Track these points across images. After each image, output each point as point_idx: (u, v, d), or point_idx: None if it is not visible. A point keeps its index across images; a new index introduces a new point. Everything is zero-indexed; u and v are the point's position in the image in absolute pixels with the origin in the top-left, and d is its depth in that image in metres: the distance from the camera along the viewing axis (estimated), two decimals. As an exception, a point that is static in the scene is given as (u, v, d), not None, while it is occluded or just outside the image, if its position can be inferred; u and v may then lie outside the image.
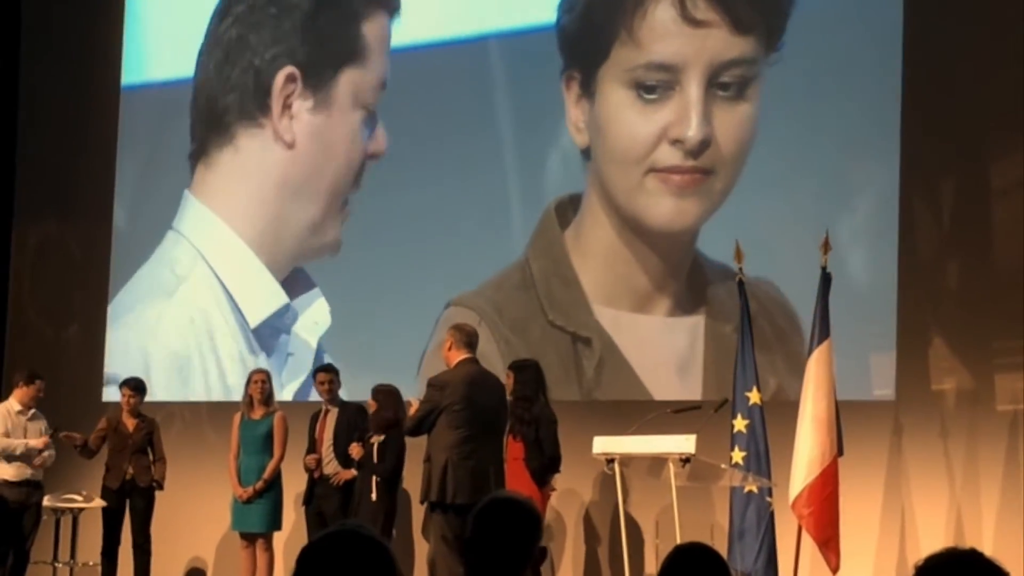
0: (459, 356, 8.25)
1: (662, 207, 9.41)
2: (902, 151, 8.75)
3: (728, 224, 9.06)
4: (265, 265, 10.80)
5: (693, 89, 9.29)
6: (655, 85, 9.41)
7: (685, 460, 7.36)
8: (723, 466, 7.72)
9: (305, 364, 10.52)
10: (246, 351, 10.78)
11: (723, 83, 9.27)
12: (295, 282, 10.74)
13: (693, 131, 9.26)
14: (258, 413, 9.71)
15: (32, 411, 9.97)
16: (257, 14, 11.06)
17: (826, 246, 7.99)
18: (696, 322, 9.35)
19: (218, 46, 11.26)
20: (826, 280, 7.99)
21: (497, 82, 10.22)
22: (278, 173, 10.84)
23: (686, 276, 9.44)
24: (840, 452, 7.84)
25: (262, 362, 10.54)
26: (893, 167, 8.77)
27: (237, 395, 10.10)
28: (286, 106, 10.78)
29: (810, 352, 7.92)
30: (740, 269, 8.30)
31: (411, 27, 10.52)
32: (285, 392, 10.49)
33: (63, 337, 11.92)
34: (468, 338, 8.31)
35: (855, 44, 8.97)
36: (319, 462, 9.52)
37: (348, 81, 10.62)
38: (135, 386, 10.09)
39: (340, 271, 10.63)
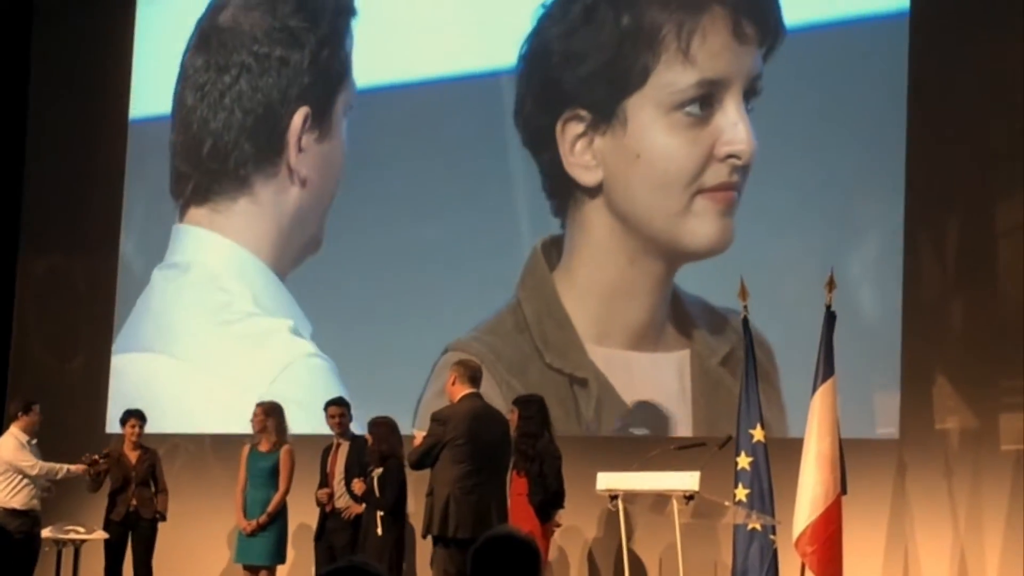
0: (463, 391, 8.25)
1: (710, 227, 9.37)
2: (907, 191, 8.75)
3: (732, 262, 9.06)
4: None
5: (732, 104, 9.30)
6: (699, 102, 9.38)
7: (689, 497, 7.35)
8: (727, 503, 7.71)
9: (297, 384, 10.58)
10: (251, 376, 10.77)
11: (749, 97, 9.29)
12: None
13: (744, 144, 9.25)
14: (265, 446, 9.70)
15: (34, 442, 9.97)
16: (263, 62, 11.18)
17: (831, 284, 8.00)
18: (682, 357, 9.39)
19: (222, 96, 11.34)
20: (831, 318, 7.99)
21: (505, 119, 10.24)
22: (293, 209, 10.98)
23: (671, 311, 9.47)
24: (844, 490, 7.83)
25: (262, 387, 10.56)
26: (898, 206, 8.77)
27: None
28: (300, 144, 10.92)
29: (814, 390, 7.91)
30: (745, 307, 8.30)
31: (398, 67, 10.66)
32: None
33: (67, 369, 11.93)
34: (472, 373, 8.32)
35: (860, 82, 8.97)
36: (331, 496, 9.51)
37: (341, 102, 10.87)
38: (141, 417, 10.11)
39: (336, 310, 10.69)
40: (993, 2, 8.69)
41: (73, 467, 9.85)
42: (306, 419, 10.07)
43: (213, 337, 11.12)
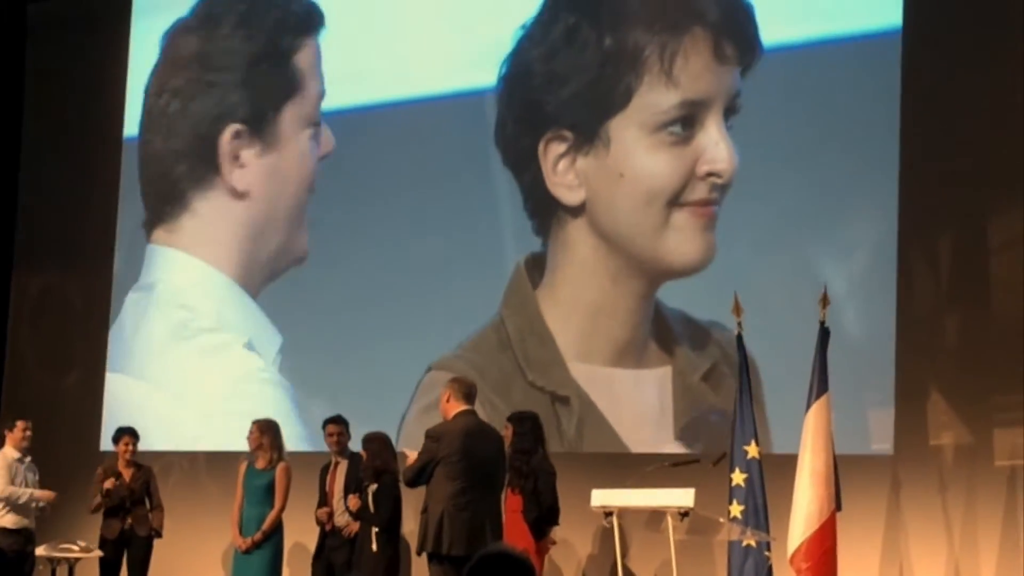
0: (457, 408, 8.25)
1: (692, 243, 9.44)
2: (900, 206, 8.77)
3: (725, 278, 9.08)
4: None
5: (713, 124, 9.37)
6: (682, 123, 9.45)
7: (684, 514, 7.34)
8: (721, 520, 7.70)
9: (275, 401, 10.73)
10: (233, 393, 10.94)
11: (729, 116, 9.36)
12: None
13: (726, 163, 9.32)
14: (262, 463, 9.69)
15: (28, 459, 9.96)
16: (194, 86, 11.54)
17: (824, 300, 8.01)
18: (664, 373, 9.43)
19: (162, 119, 11.67)
20: (824, 334, 8.00)
21: (489, 138, 10.29)
22: (239, 222, 11.20)
23: (653, 327, 9.50)
24: (838, 506, 7.82)
25: (243, 404, 10.64)
26: (891, 222, 8.79)
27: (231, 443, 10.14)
28: (235, 160, 11.20)
29: (808, 406, 7.92)
30: (739, 323, 8.31)
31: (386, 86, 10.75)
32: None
33: (62, 387, 11.93)
34: (467, 390, 8.31)
35: (854, 99, 9.00)
36: (330, 515, 9.49)
37: (290, 114, 11.04)
38: (134, 434, 10.10)
39: (320, 327, 10.76)
40: (986, 19, 8.72)
41: (39, 493, 9.86)
42: (214, 439, 10.50)
43: (172, 355, 11.34)
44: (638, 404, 9.49)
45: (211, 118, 11.40)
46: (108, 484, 9.88)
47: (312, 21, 11.13)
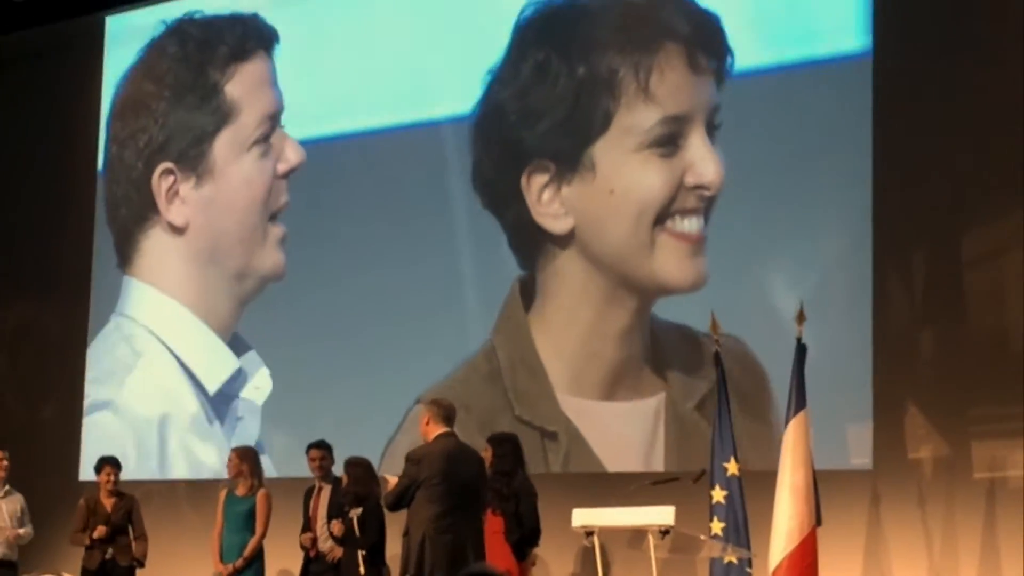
0: (437, 431, 8.25)
1: (680, 266, 9.46)
2: (875, 223, 8.82)
3: (701, 296, 9.12)
4: (214, 329, 11.22)
5: (698, 137, 9.40)
6: (666, 139, 9.48)
7: (665, 532, 7.37)
8: (702, 537, 7.72)
9: (253, 428, 10.87)
10: (204, 420, 11.08)
11: (711, 130, 9.40)
12: (235, 347, 11.15)
13: (713, 175, 9.35)
14: (242, 490, 9.67)
15: (6, 488, 9.93)
16: (127, 131, 11.84)
17: (800, 317, 8.04)
18: (657, 403, 9.45)
19: (113, 163, 12.00)
20: (801, 351, 8.03)
21: (452, 168, 10.40)
22: (184, 256, 11.43)
23: (648, 350, 9.52)
24: (819, 522, 7.85)
25: (217, 430, 10.84)
26: (866, 239, 8.83)
27: (206, 471, 10.17)
28: (173, 196, 11.44)
29: (787, 422, 7.95)
30: (716, 341, 8.34)
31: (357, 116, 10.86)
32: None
33: (39, 417, 11.90)
34: (446, 412, 8.31)
35: (826, 118, 9.05)
36: (314, 540, 9.48)
37: (225, 142, 11.23)
38: (116, 464, 10.08)
39: (304, 357, 10.81)
40: (955, 39, 8.78)
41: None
42: (188, 466, 10.87)
43: (139, 385, 11.50)
44: (628, 438, 9.49)
45: (143, 160, 11.65)
46: (98, 534, 9.84)
47: (247, 46, 11.27)
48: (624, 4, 9.80)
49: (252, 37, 11.30)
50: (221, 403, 11.05)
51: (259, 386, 10.95)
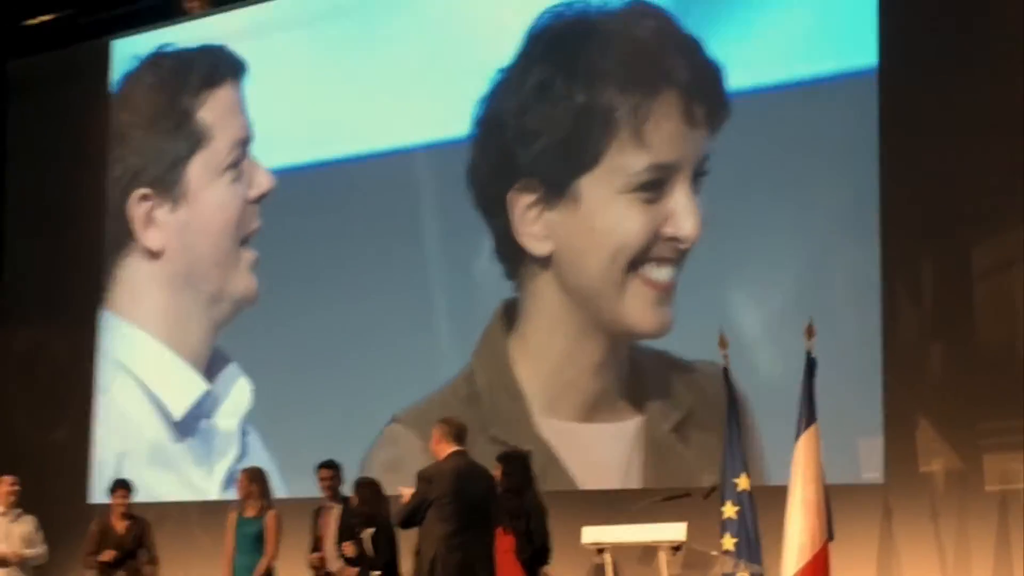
0: (448, 449, 8.23)
1: (647, 312, 9.61)
2: (883, 237, 8.83)
3: (711, 311, 9.13)
4: (185, 355, 11.50)
5: (682, 189, 9.51)
6: (651, 185, 9.58)
7: (676, 548, 7.36)
8: (714, 553, 7.71)
9: (230, 446, 11.14)
10: (170, 444, 11.44)
11: (698, 178, 9.51)
12: (214, 364, 11.42)
13: (690, 231, 9.48)
14: (251, 511, 9.66)
15: (17, 512, 9.93)
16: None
17: (810, 331, 8.03)
18: (635, 425, 9.54)
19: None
20: (811, 365, 8.03)
21: (424, 194, 10.60)
22: (161, 280, 11.68)
23: (626, 377, 9.62)
24: (831, 536, 7.83)
25: (183, 450, 11.22)
26: (874, 254, 8.84)
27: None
28: (149, 222, 11.71)
29: (797, 437, 7.93)
30: (725, 356, 8.34)
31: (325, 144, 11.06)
32: (215, 476, 11.12)
33: (50, 441, 11.92)
34: (456, 431, 8.29)
35: (835, 133, 9.08)
36: (324, 560, 9.47)
37: (198, 166, 11.50)
38: (128, 487, 10.08)
39: (282, 379, 11.02)
40: (962, 51, 8.79)
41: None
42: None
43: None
44: (604, 459, 9.59)
45: (120, 188, 11.89)
46: (105, 557, 9.84)
47: (217, 74, 11.53)
48: (632, 39, 9.88)
49: (222, 65, 11.55)
50: (192, 422, 11.34)
51: (238, 402, 11.16)
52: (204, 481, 11.27)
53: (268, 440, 11.01)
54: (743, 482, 8.08)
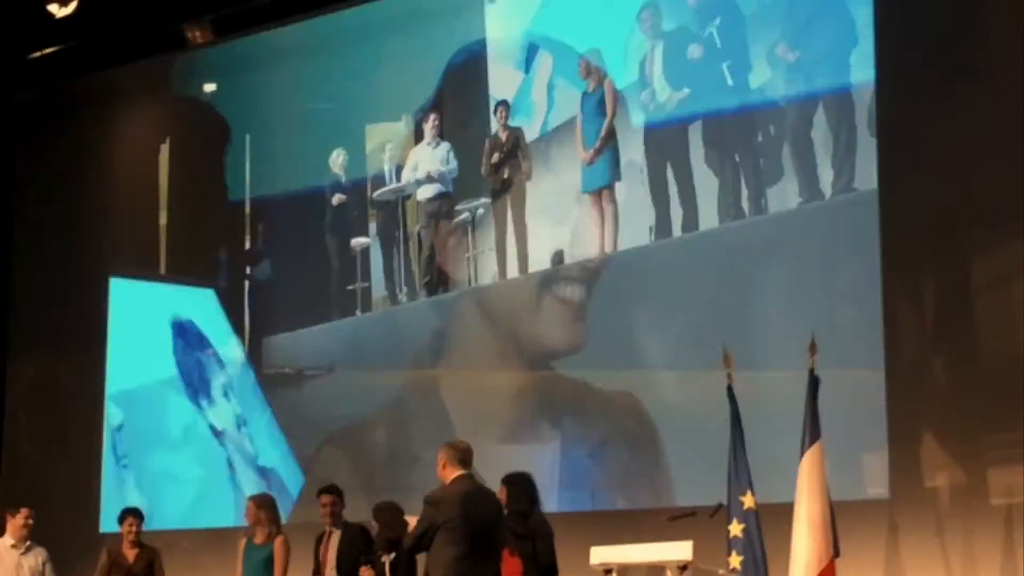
0: (454, 473, 8.23)
1: (561, 329, 9.99)
2: (883, 253, 8.85)
3: (714, 330, 9.15)
4: None
5: (595, 208, 9.88)
6: (564, 208, 9.97)
7: (683, 567, 7.37)
8: (721, 571, 7.72)
9: None
10: None
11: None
12: None
13: (598, 251, 9.83)
14: (260, 538, 9.68)
15: (27, 544, 9.96)
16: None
17: (812, 348, 8.05)
18: (552, 450, 9.88)
19: None
20: (814, 382, 8.04)
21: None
22: None
23: (545, 409, 9.97)
24: (837, 553, 7.84)
25: None
26: (875, 269, 8.87)
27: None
28: None
29: (802, 454, 7.94)
30: (729, 375, 8.35)
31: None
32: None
33: (59, 470, 11.95)
34: (461, 455, 8.30)
35: (833, 146, 9.12)
36: (324, 585, 9.50)
37: None
38: (138, 515, 10.11)
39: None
40: (959, 66, 8.82)
41: None
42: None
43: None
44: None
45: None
46: None
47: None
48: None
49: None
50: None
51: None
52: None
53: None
54: (749, 500, 8.09)
